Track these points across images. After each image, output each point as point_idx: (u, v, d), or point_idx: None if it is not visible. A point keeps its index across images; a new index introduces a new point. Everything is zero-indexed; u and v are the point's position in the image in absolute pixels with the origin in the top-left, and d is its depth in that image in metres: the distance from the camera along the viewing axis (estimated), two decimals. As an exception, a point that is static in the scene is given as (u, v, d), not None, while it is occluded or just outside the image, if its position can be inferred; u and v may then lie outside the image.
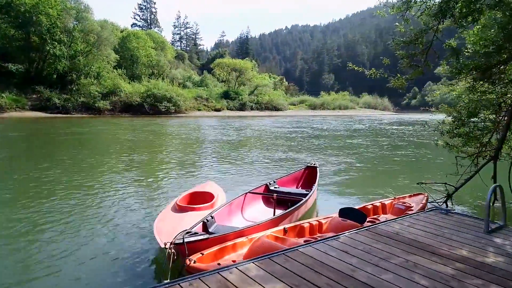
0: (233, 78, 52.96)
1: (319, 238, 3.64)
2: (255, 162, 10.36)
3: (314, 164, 6.79)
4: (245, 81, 53.11)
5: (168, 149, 13.21)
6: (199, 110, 44.05)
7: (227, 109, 46.56)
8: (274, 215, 4.49)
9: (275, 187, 5.72)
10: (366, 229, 3.58)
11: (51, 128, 21.58)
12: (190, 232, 3.42)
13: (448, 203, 5.48)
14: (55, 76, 37.42)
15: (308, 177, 6.57)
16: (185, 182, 7.54)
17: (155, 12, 75.50)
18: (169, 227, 3.83)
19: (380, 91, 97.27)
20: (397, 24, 5.09)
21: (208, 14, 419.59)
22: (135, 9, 74.73)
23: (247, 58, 64.70)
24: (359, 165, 10.40)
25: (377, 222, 4.13)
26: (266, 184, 5.72)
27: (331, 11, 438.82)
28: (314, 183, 6.13)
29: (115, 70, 41.58)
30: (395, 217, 4.27)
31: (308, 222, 4.23)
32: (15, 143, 14.32)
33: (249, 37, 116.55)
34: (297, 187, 6.40)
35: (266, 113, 47.40)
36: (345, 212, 4.29)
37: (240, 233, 3.65)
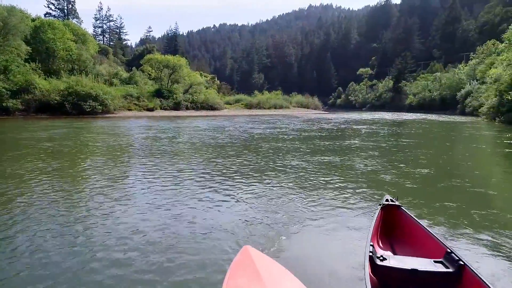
0: (165, 75, 49.68)
1: None
2: (260, 183, 7.44)
3: (394, 201, 4.13)
4: (179, 79, 50.17)
5: (121, 167, 9.71)
6: (129, 109, 40.30)
7: (161, 108, 43.42)
8: None
9: (381, 259, 3.10)
10: None
11: None
12: None
13: None
14: None
15: (390, 225, 3.95)
16: (163, 233, 4.61)
17: (73, 1, 68.13)
18: None
19: (308, 91, 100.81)
20: None
21: (132, 8, 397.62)
22: (49, -4, 66.29)
23: (177, 55, 61.43)
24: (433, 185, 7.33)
25: None
26: (370, 256, 3.07)
27: (258, 11, 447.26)
28: (399, 235, 3.75)
29: (27, 64, 35.99)
30: None
31: None
32: None
33: (177, 33, 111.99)
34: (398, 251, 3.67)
35: (203, 113, 45.23)
36: None
37: None
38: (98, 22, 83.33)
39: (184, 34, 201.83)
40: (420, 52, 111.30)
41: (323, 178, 7.81)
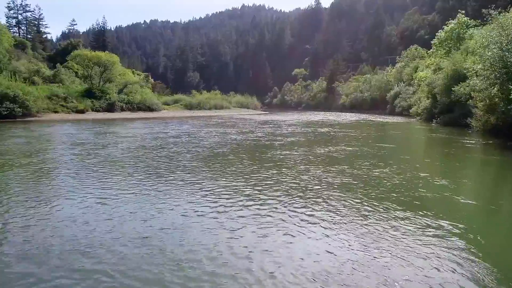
0: (96, 73, 45.36)
1: None
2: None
3: None
4: (112, 78, 46.18)
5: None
6: (55, 112, 35.88)
7: (92, 110, 39.42)
8: None
9: None
10: None
11: None
12: None
13: None
14: None
15: None
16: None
17: (-21, -14, 59.31)
18: None
19: (244, 90, 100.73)
20: None
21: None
22: None
23: (106, 51, 56.89)
24: None
25: None
26: None
27: (191, 9, 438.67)
28: None
29: None
30: None
31: None
32: None
33: (105, 28, 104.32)
34: None
35: (142, 114, 42.13)
36: None
37: None
38: (12, 12, 73.77)
39: (113, 29, 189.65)
40: (349, 54, 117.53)
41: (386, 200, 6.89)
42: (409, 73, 56.09)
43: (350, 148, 14.54)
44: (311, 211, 6.22)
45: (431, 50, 41.57)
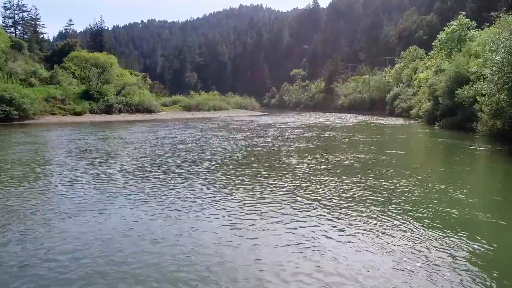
0: (94, 75, 44.82)
1: None
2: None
3: None
4: (110, 79, 45.66)
5: None
6: (53, 114, 35.39)
7: (90, 112, 38.94)
8: None
9: None
10: None
11: None
12: None
13: None
14: None
15: None
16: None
17: (-25, -14, 58.62)
18: None
19: (242, 90, 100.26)
20: None
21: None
22: None
23: (103, 52, 56.40)
24: None
25: None
26: None
27: (188, 9, 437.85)
28: None
29: None
30: None
31: None
32: None
33: (103, 28, 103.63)
34: None
35: (140, 117, 41.63)
36: None
37: None
38: (8, 12, 72.95)
39: (110, 29, 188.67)
40: (347, 54, 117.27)
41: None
42: (409, 74, 55.82)
43: (361, 156, 14.14)
44: (340, 229, 6.06)
45: (432, 52, 41.33)
